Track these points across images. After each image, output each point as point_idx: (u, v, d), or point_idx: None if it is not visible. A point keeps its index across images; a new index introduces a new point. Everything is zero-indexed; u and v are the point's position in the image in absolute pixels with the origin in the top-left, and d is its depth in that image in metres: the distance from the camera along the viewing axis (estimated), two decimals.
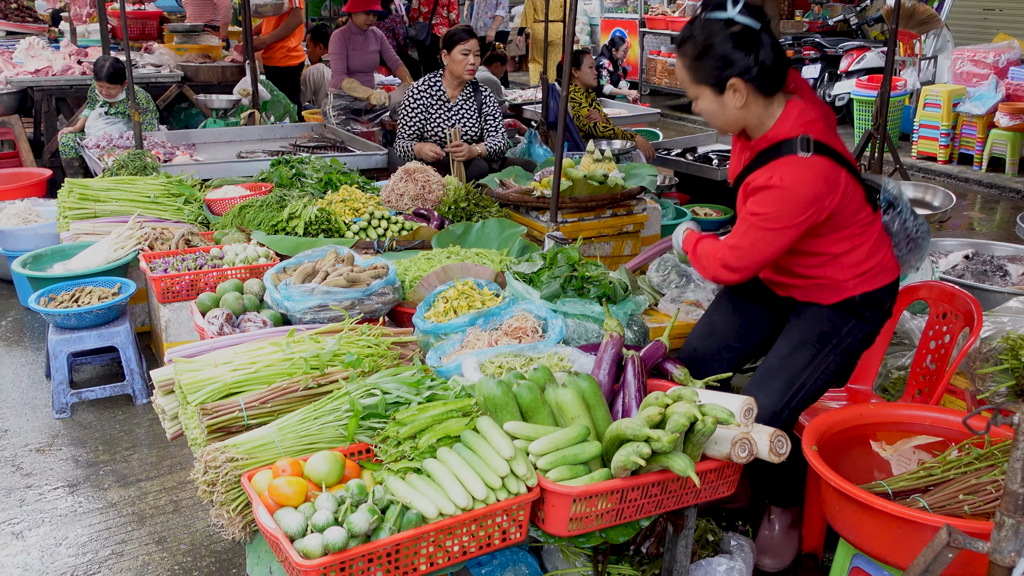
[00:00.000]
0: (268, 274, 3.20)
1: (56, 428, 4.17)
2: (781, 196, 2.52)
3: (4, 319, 5.50)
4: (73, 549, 3.28)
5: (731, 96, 2.54)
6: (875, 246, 2.73)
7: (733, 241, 2.65)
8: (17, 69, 8.04)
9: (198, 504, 3.53)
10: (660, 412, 2.21)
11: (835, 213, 2.59)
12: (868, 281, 2.74)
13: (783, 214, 2.53)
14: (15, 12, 10.63)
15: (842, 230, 2.66)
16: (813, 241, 2.67)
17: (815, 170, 2.51)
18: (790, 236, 2.57)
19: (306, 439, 2.32)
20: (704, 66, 2.53)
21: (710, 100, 2.59)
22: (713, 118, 2.65)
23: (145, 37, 9.43)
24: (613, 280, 2.92)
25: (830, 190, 2.53)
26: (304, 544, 1.92)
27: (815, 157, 2.51)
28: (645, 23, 13.33)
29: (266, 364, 2.58)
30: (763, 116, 2.60)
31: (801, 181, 2.50)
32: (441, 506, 2.03)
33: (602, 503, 2.19)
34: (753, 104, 2.57)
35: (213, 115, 7.80)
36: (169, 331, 4.18)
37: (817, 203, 2.52)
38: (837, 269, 2.72)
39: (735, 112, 2.58)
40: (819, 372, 2.76)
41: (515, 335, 2.77)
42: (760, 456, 2.26)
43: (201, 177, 5.52)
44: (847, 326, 2.76)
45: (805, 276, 2.78)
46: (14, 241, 5.34)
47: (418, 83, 5.74)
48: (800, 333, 2.81)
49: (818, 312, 2.79)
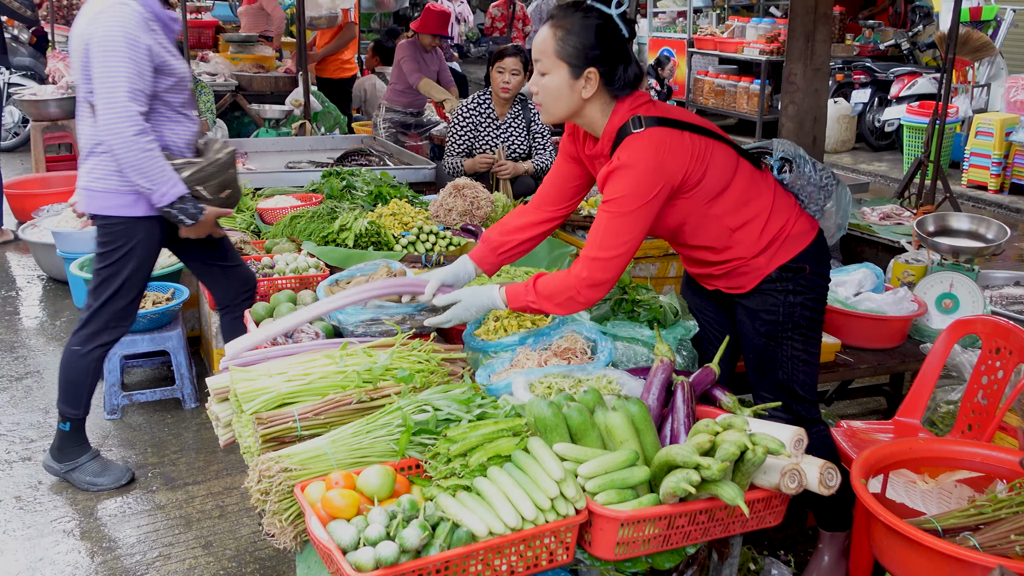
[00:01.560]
0: (322, 286, 3.25)
1: (107, 429, 4.26)
2: (625, 175, 2.53)
3: (59, 319, 5.63)
4: (122, 550, 3.35)
5: (582, 83, 2.59)
6: (773, 214, 2.71)
7: (592, 252, 2.61)
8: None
9: (244, 510, 3.59)
10: (710, 439, 2.22)
11: (696, 177, 2.59)
12: (778, 254, 2.72)
13: (634, 192, 2.53)
14: None
15: (722, 198, 2.65)
16: (699, 219, 2.67)
17: (648, 139, 2.53)
18: (648, 214, 2.56)
19: (358, 452, 2.36)
20: (574, 45, 2.56)
21: (562, 79, 2.59)
22: (554, 99, 2.63)
23: (201, 46, 9.61)
24: (664, 304, 2.93)
25: (673, 154, 2.54)
26: (356, 557, 1.95)
27: (648, 129, 2.54)
28: (693, 43, 13.31)
29: (320, 376, 2.62)
30: (601, 113, 2.64)
31: (639, 153, 2.52)
32: (491, 525, 2.05)
33: (649, 528, 2.20)
34: (598, 99, 2.62)
35: (265, 124, 7.93)
36: (220, 338, 4.26)
37: (661, 170, 2.52)
38: (740, 247, 2.71)
39: (578, 100, 2.61)
40: (791, 360, 2.79)
41: (564, 356, 2.79)
42: (809, 488, 2.25)
43: (253, 186, 5.61)
44: (782, 307, 2.75)
45: (714, 263, 2.78)
46: (71, 243, 5.47)
47: (467, 100, 5.80)
48: (750, 339, 2.83)
49: (748, 309, 2.80)
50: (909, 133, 9.54)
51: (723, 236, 2.71)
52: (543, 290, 2.66)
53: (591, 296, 2.62)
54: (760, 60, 11.73)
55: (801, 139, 5.62)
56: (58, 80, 8.54)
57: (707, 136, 2.63)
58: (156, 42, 3.32)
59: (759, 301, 2.78)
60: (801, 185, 2.82)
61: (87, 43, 3.24)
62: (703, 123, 2.68)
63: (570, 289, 2.61)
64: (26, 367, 4.92)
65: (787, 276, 2.73)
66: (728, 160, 2.66)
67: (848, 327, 3.56)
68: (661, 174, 2.53)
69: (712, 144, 2.63)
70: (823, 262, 2.81)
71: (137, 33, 3.22)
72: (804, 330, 2.78)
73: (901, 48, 12.13)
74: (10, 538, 3.41)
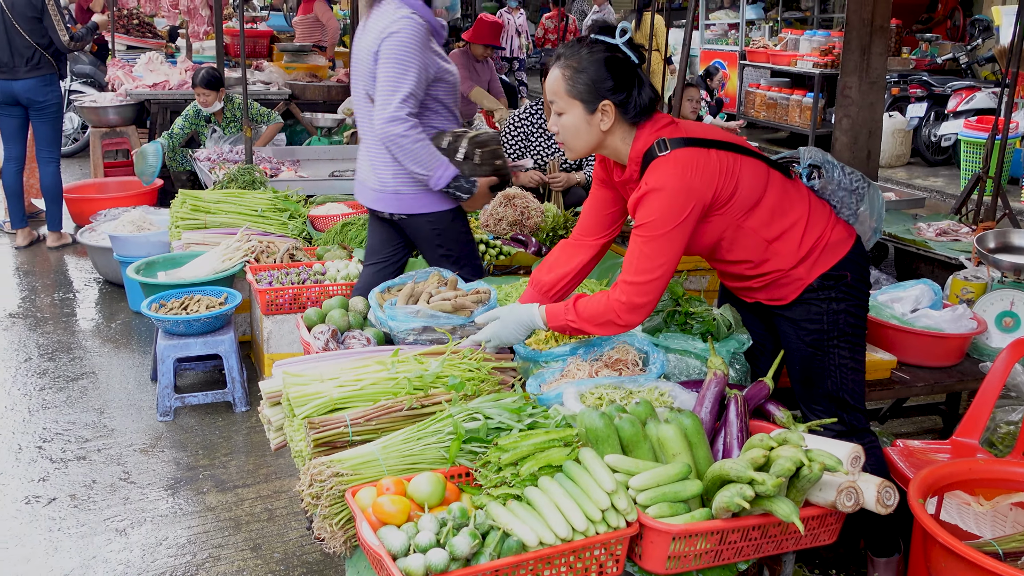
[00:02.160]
0: (373, 293, 3.27)
1: (159, 430, 4.32)
2: (655, 199, 2.53)
3: (114, 321, 5.73)
4: (173, 550, 3.39)
5: (598, 117, 2.61)
6: (810, 223, 2.69)
7: (628, 276, 2.60)
8: (136, 82, 8.42)
9: (292, 514, 3.61)
10: (764, 454, 2.19)
11: (727, 194, 2.57)
12: (818, 263, 2.69)
13: (665, 215, 2.52)
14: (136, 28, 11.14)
15: (756, 211, 2.63)
16: (734, 234, 2.65)
17: (675, 161, 2.53)
18: (680, 236, 2.55)
19: (408, 459, 2.36)
20: (582, 81, 2.59)
21: (579, 116, 2.63)
22: (573, 136, 2.66)
23: (256, 55, 9.77)
24: (717, 317, 2.90)
25: (700, 174, 2.53)
26: (407, 564, 1.95)
27: (673, 151, 2.54)
28: (745, 55, 13.22)
29: (371, 382, 2.64)
30: (624, 141, 2.65)
31: (666, 176, 2.52)
32: (541, 535, 2.04)
33: (701, 543, 2.17)
34: (618, 129, 2.63)
35: (318, 133, 8.02)
36: (271, 342, 4.31)
37: (691, 191, 2.52)
38: (779, 259, 2.69)
39: (598, 133, 2.64)
40: (840, 368, 2.75)
41: (615, 367, 2.77)
42: (866, 506, 2.21)
43: (305, 193, 5.68)
44: (826, 315, 2.72)
45: (753, 276, 2.76)
46: (127, 247, 5.57)
47: (519, 111, 5.82)
48: (796, 350, 2.80)
49: (791, 320, 2.77)
50: (967, 148, 9.36)
51: (760, 249, 2.69)
52: (583, 311, 2.66)
53: (630, 319, 2.62)
54: (814, 73, 11.60)
55: (855, 153, 5.54)
56: (117, 88, 8.73)
57: (734, 151, 2.62)
58: (435, 53, 3.65)
59: (802, 311, 2.75)
60: (832, 190, 2.80)
61: (375, 53, 3.53)
62: (730, 138, 2.66)
63: (609, 312, 2.62)
64: (82, 368, 5.02)
65: (829, 284, 2.71)
66: (758, 173, 2.64)
67: (905, 344, 3.49)
68: (691, 194, 2.52)
69: (740, 159, 2.61)
70: (863, 268, 2.78)
71: (422, 48, 3.53)
72: (849, 337, 2.75)
73: (959, 62, 11.92)
74: (64, 536, 3.47)
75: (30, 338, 5.43)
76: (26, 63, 6.73)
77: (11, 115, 6.95)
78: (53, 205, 7.23)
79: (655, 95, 2.65)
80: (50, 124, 7.04)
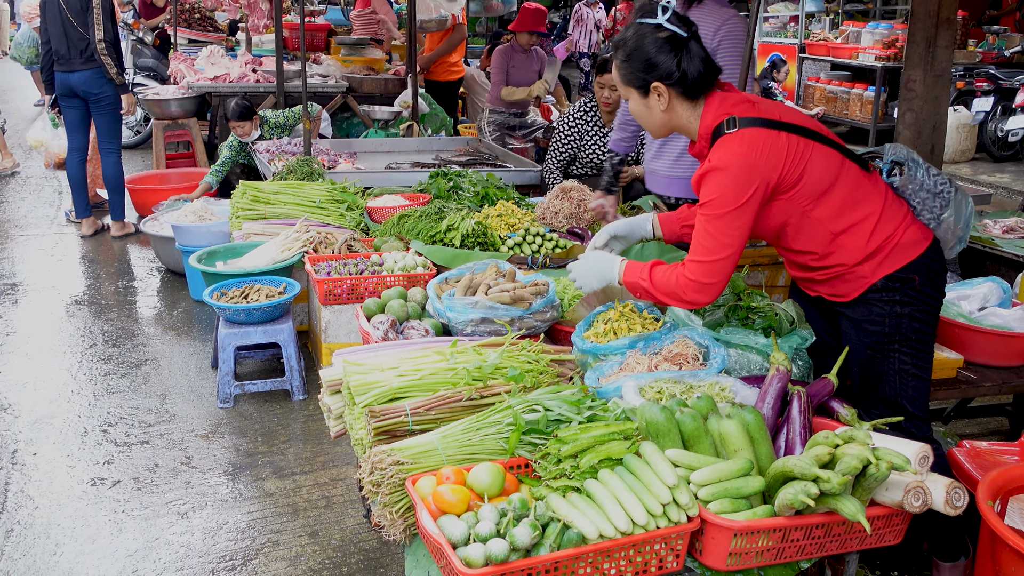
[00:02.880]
0: (432, 284, 3.28)
1: (219, 417, 4.40)
2: (718, 177, 2.50)
3: (176, 310, 5.84)
4: (233, 534, 3.45)
5: (655, 99, 2.62)
6: (881, 220, 2.60)
7: (694, 255, 2.58)
8: (198, 75, 8.56)
9: (348, 501, 3.65)
10: (829, 452, 2.15)
11: (793, 178, 2.52)
12: (885, 262, 2.60)
13: (728, 194, 2.49)
14: (198, 22, 11.32)
15: (825, 200, 2.56)
16: (800, 221, 2.59)
17: (740, 140, 2.49)
18: (744, 216, 2.50)
19: (468, 449, 2.37)
20: (631, 69, 2.62)
21: (637, 102, 2.68)
22: (642, 120, 2.71)
23: (313, 48, 9.85)
24: (780, 312, 2.86)
25: (766, 155, 2.48)
26: (467, 553, 1.96)
27: (741, 130, 2.50)
28: (805, 48, 13.01)
29: (430, 372, 2.65)
30: (690, 118, 2.65)
31: (730, 155, 2.49)
32: (602, 528, 2.03)
33: (763, 540, 2.14)
34: (678, 107, 2.63)
35: (374, 125, 8.07)
36: (329, 332, 4.35)
37: (755, 171, 2.48)
38: (844, 253, 2.61)
39: (660, 115, 2.66)
40: (899, 374, 2.67)
41: (675, 361, 2.75)
42: (935, 507, 2.16)
43: (363, 185, 5.72)
44: (888, 318, 2.63)
45: (816, 267, 2.70)
46: (189, 237, 5.67)
47: (573, 108, 5.79)
48: (855, 350, 2.72)
49: (851, 319, 2.70)
50: None
51: (826, 240, 2.63)
52: (656, 278, 2.67)
53: (695, 298, 2.59)
54: (876, 66, 11.38)
55: (919, 148, 5.41)
56: (179, 80, 8.89)
57: (808, 137, 2.56)
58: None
59: (863, 311, 2.68)
60: (913, 190, 2.71)
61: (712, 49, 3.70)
62: (807, 123, 2.60)
63: (677, 287, 2.61)
64: (145, 354, 5.13)
65: (894, 286, 2.62)
66: (830, 162, 2.58)
67: (972, 343, 3.40)
68: (754, 175, 2.49)
69: (811, 145, 2.56)
70: (937, 274, 2.67)
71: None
72: (913, 342, 2.66)
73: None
74: (129, 517, 3.55)
75: (95, 325, 5.56)
76: (80, 55, 6.86)
77: (72, 107, 7.11)
78: (115, 195, 7.39)
79: (708, 66, 2.60)
80: (108, 116, 7.17)
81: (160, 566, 3.25)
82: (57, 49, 6.88)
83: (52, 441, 4.13)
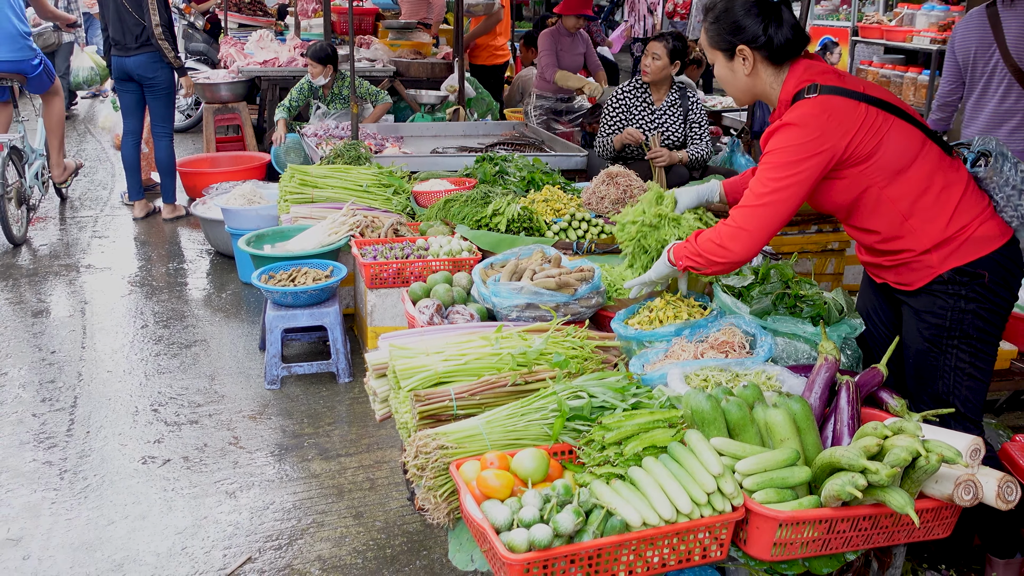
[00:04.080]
0: (477, 269, 3.29)
1: (267, 398, 4.46)
2: (787, 131, 2.51)
3: (224, 292, 5.93)
4: (279, 514, 3.50)
5: (739, 63, 2.64)
6: (958, 210, 2.53)
7: (744, 200, 2.60)
8: (247, 59, 8.64)
9: (392, 484, 3.68)
10: (878, 443, 2.12)
11: (865, 150, 2.49)
12: (955, 254, 2.53)
13: (792, 147, 2.49)
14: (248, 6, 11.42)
15: (900, 180, 2.51)
16: (873, 200, 2.55)
17: (817, 103, 2.49)
18: (803, 174, 2.49)
19: (512, 434, 2.37)
20: (718, 31, 2.64)
21: (723, 65, 2.69)
22: (726, 84, 2.72)
23: (361, 32, 9.88)
24: (828, 300, 2.82)
25: (839, 121, 2.47)
26: (510, 538, 1.97)
27: (821, 96, 2.49)
28: (858, 31, 12.75)
29: (475, 357, 2.66)
30: (774, 84, 2.64)
31: (804, 116, 2.49)
32: (645, 515, 2.03)
33: (809, 531, 2.13)
34: (763, 72, 2.63)
35: (421, 109, 8.09)
36: (374, 315, 4.38)
37: (825, 134, 2.46)
38: (911, 239, 2.56)
39: (744, 79, 2.66)
40: (955, 371, 2.60)
41: (721, 349, 2.73)
42: (986, 501, 2.13)
43: (409, 169, 5.74)
44: (950, 311, 2.56)
45: (883, 252, 2.65)
46: (238, 220, 5.74)
47: (624, 84, 5.75)
48: (913, 342, 2.67)
49: (913, 309, 2.64)
50: None
51: (896, 223, 2.57)
52: (700, 240, 2.70)
53: (731, 246, 2.59)
54: (930, 49, 11.12)
55: None
56: (229, 65, 8.98)
57: (890, 112, 2.52)
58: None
59: (926, 302, 2.61)
60: (998, 184, 2.61)
61: None
62: (891, 99, 2.56)
63: (716, 235, 2.64)
64: (194, 336, 5.21)
65: (961, 280, 2.55)
66: (910, 141, 2.53)
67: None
68: (824, 138, 2.47)
69: (892, 120, 2.51)
70: (1010, 274, 2.57)
71: None
72: (973, 341, 2.58)
73: None
74: (178, 495, 3.62)
75: (146, 306, 5.66)
76: (135, 40, 6.97)
77: (128, 91, 7.22)
78: (167, 178, 7.50)
79: (797, 34, 2.59)
80: (162, 100, 7.28)
81: (208, 543, 3.32)
82: (113, 35, 7.00)
83: (105, 420, 4.22)
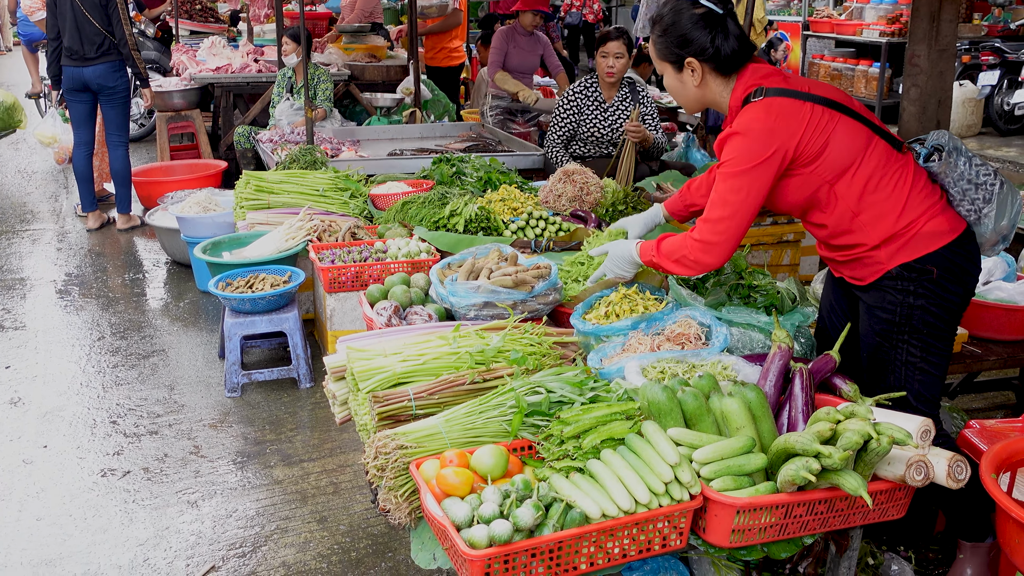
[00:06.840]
0: (434, 269, 3.29)
1: (227, 406, 4.42)
2: (737, 140, 2.55)
3: (182, 300, 5.87)
4: (242, 521, 3.47)
5: (688, 75, 2.67)
6: (907, 206, 2.54)
7: (705, 214, 2.64)
8: (200, 66, 8.56)
9: (356, 487, 3.67)
10: (831, 428, 2.15)
11: (814, 149, 2.53)
12: (903, 250, 2.54)
13: (744, 155, 2.53)
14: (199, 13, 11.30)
15: (848, 176, 2.55)
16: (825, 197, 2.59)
17: (762, 106, 2.53)
18: (758, 179, 2.53)
19: (471, 432, 2.38)
20: (666, 44, 2.67)
21: (672, 77, 2.73)
22: (676, 95, 2.76)
23: (316, 37, 9.84)
24: (781, 290, 2.86)
25: (786, 122, 2.51)
26: (471, 534, 1.97)
27: (766, 99, 2.53)
28: (809, 26, 12.92)
29: (433, 357, 2.66)
30: (723, 92, 2.69)
31: (751, 120, 2.53)
32: (604, 507, 2.04)
33: (766, 517, 2.15)
34: (711, 82, 2.68)
35: (377, 113, 8.07)
36: (334, 319, 4.36)
37: (772, 135, 2.50)
38: (860, 234, 2.59)
39: (693, 90, 2.71)
40: (905, 366, 2.64)
41: (678, 341, 2.75)
42: (937, 481, 2.17)
43: (366, 173, 5.72)
44: (899, 307, 2.59)
45: (835, 247, 2.70)
46: (194, 228, 5.69)
47: (573, 85, 5.77)
48: (865, 337, 2.72)
49: (866, 304, 2.69)
50: None
51: (845, 219, 2.60)
52: (665, 247, 2.74)
53: (700, 258, 2.63)
54: (880, 42, 11.31)
55: (924, 124, 5.39)
56: (181, 72, 8.89)
57: (835, 110, 2.55)
58: None
59: (877, 297, 2.64)
60: (953, 179, 2.62)
61: None
62: (838, 97, 2.59)
63: (683, 248, 2.67)
64: (152, 346, 5.15)
65: (909, 276, 2.56)
66: (856, 137, 2.56)
67: (976, 317, 3.40)
68: (772, 138, 2.51)
69: (838, 118, 2.55)
70: (960, 269, 2.56)
71: None
72: (924, 336, 2.60)
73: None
74: (139, 507, 3.58)
75: (103, 317, 5.59)
76: (96, 49, 6.88)
77: (81, 101, 7.13)
78: (122, 188, 7.41)
79: (743, 44, 2.63)
80: (119, 109, 7.20)
81: (171, 554, 3.28)
82: (69, 44, 6.88)
83: (62, 433, 4.16)
